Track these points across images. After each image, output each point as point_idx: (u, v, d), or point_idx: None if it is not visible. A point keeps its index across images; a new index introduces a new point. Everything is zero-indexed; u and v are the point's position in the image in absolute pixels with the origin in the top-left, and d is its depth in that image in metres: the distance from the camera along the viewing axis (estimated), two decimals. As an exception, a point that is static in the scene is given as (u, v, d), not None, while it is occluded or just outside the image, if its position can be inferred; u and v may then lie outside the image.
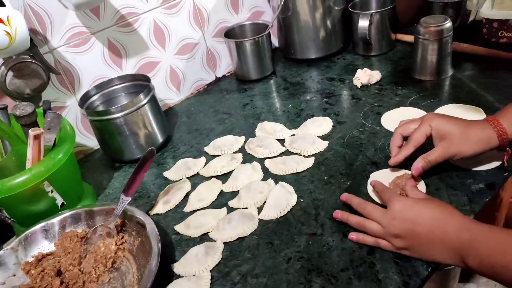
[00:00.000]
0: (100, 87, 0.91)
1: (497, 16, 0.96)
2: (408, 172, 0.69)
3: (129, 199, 0.68)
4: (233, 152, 0.85)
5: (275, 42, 1.24)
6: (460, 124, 0.63)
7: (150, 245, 0.61)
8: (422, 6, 1.09)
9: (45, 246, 0.69)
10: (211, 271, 0.61)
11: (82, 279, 0.63)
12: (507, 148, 0.64)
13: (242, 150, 0.86)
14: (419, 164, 0.64)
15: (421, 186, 0.66)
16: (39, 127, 0.70)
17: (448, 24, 0.88)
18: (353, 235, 0.60)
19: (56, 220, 0.70)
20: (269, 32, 1.07)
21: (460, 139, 0.62)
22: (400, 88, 0.94)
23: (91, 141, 0.96)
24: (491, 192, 0.63)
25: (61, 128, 0.73)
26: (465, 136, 0.62)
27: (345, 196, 0.66)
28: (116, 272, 0.64)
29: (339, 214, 0.63)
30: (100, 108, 0.91)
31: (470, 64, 0.96)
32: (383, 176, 0.68)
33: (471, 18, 1.04)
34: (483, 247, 0.48)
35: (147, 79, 0.90)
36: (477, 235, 0.50)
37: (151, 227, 0.63)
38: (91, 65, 0.91)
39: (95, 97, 0.90)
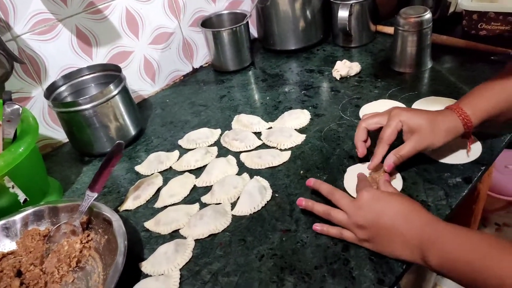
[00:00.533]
0: (68, 77, 0.86)
1: (476, 8, 0.95)
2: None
3: (95, 195, 0.65)
4: (208, 146, 0.83)
5: (254, 33, 1.21)
6: (428, 116, 0.63)
7: (117, 243, 0.58)
8: (402, -3, 1.07)
9: (6, 245, 0.65)
10: (180, 269, 0.58)
11: (44, 280, 0.59)
12: (471, 136, 0.64)
13: (217, 143, 0.83)
14: (391, 160, 0.63)
15: (398, 180, 0.65)
16: (-2, 119, 0.66)
17: (428, 15, 0.87)
18: (317, 226, 0.59)
19: (17, 217, 0.66)
20: (247, 22, 1.04)
21: (430, 131, 0.62)
22: (379, 80, 0.92)
23: (59, 134, 0.91)
24: (467, 186, 0.62)
25: (23, 120, 0.69)
26: (434, 128, 0.62)
27: (312, 181, 0.64)
28: (81, 272, 0.61)
29: (303, 202, 0.61)
30: (69, 99, 0.86)
31: (449, 56, 0.95)
32: (360, 170, 0.67)
33: (451, 10, 1.03)
34: (446, 243, 0.48)
35: (118, 69, 0.86)
36: (441, 231, 0.49)
37: (118, 224, 0.60)
38: (58, 54, 0.86)
39: (62, 88, 0.86)
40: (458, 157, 0.67)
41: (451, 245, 0.47)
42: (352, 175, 0.67)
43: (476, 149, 0.68)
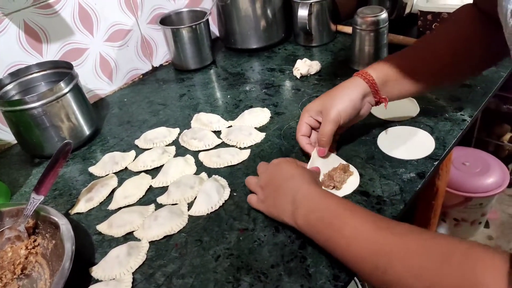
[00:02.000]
0: (16, 74, 0.82)
1: (430, 9, 0.98)
2: (343, 162, 0.67)
3: (41, 197, 0.61)
4: (166, 145, 0.80)
5: (215, 31, 1.19)
6: (327, 92, 0.67)
7: (64, 247, 0.55)
8: (361, -3, 1.09)
9: None
10: (133, 273, 0.56)
11: (-16, 289, 0.55)
12: (383, 97, 0.66)
13: (175, 142, 0.81)
14: (318, 144, 0.66)
15: (355, 177, 0.65)
16: None
17: (384, 15, 0.88)
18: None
19: (-43, 223, 0.61)
20: (208, 20, 1.03)
21: (331, 100, 0.65)
22: (339, 78, 0.93)
23: (7, 135, 0.86)
24: (421, 181, 0.63)
25: (-39, 119, 0.64)
26: (334, 96, 0.65)
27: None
28: (27, 279, 0.57)
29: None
30: (16, 98, 0.82)
31: (406, 55, 0.97)
32: (320, 167, 0.66)
33: (407, 10, 1.06)
34: (311, 204, 0.53)
35: (70, 66, 0.82)
36: (310, 194, 0.54)
37: (66, 228, 0.57)
38: (5, 50, 0.81)
39: (10, 86, 0.81)
40: (413, 153, 0.68)
41: (315, 205, 0.52)
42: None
43: (429, 145, 0.69)
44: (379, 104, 0.67)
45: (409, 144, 0.70)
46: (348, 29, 1.10)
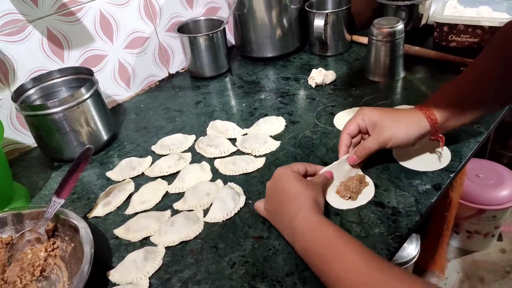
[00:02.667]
0: (38, 80, 0.84)
1: (447, 20, 0.98)
2: (360, 172, 0.68)
3: (62, 201, 0.63)
4: (182, 152, 0.81)
5: (231, 40, 1.21)
6: (390, 111, 0.66)
7: (83, 251, 0.56)
8: (376, 8, 1.10)
9: (-34, 254, 0.62)
10: (150, 278, 0.57)
11: (5, 290, 0.57)
12: (440, 135, 0.65)
13: (191, 149, 0.82)
14: (354, 153, 0.65)
15: (371, 187, 0.66)
16: (-40, 121, 0.63)
17: (400, 26, 0.89)
18: None
19: (-21, 224, 0.63)
20: (224, 29, 1.04)
21: (391, 122, 0.64)
22: (354, 88, 0.94)
23: (27, 139, 0.88)
24: (437, 193, 0.63)
25: (-13, 123, 0.66)
26: (395, 120, 0.64)
27: None
28: (45, 281, 0.59)
29: None
30: (38, 103, 0.84)
31: (421, 67, 0.97)
32: (335, 174, 0.66)
33: (423, 21, 1.06)
34: (307, 233, 0.52)
35: (91, 73, 0.84)
36: (308, 221, 0.53)
37: (85, 231, 0.58)
38: (28, 56, 0.84)
39: (31, 91, 0.83)
40: (429, 165, 0.68)
41: (311, 236, 0.52)
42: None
43: (445, 157, 0.69)
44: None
45: (425, 155, 0.70)
46: (363, 39, 1.10)
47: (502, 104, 0.72)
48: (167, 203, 0.70)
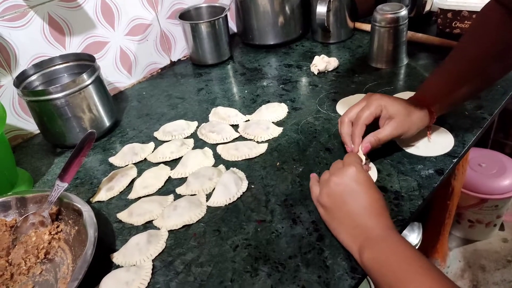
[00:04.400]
0: (39, 66, 0.84)
1: (451, 6, 0.97)
2: (363, 157, 0.67)
3: (65, 185, 0.63)
4: (184, 138, 0.81)
5: (233, 27, 1.20)
6: (405, 105, 0.66)
7: (87, 234, 0.56)
8: (380, -5, 1.09)
9: (-30, 236, 0.62)
10: (153, 260, 0.57)
11: (10, 271, 0.57)
12: (431, 127, 0.70)
13: (194, 135, 0.82)
14: (368, 141, 0.64)
15: (373, 172, 0.66)
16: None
17: (404, 12, 0.88)
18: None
19: (-17, 208, 0.63)
20: (226, 16, 1.03)
21: (406, 119, 0.65)
22: (356, 75, 0.93)
23: (30, 125, 0.88)
24: (439, 177, 0.63)
25: (-11, 107, 0.66)
26: (409, 117, 0.65)
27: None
28: (49, 263, 0.59)
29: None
30: (40, 89, 0.84)
31: (424, 53, 0.97)
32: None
33: (427, 8, 1.05)
34: (385, 249, 0.49)
35: (92, 59, 0.84)
36: (386, 237, 0.50)
37: (88, 215, 0.58)
38: (30, 42, 0.83)
39: (34, 77, 0.83)
40: (432, 150, 0.68)
41: (388, 251, 0.49)
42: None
43: (448, 142, 0.69)
44: None
45: (427, 141, 0.70)
46: (366, 27, 1.09)
47: (487, 85, 0.74)
48: (169, 188, 0.70)
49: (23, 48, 0.83)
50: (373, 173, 0.65)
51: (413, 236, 1.26)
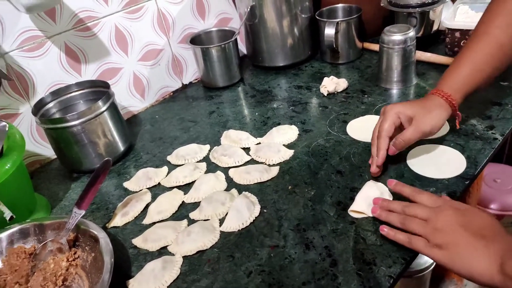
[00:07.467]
0: (56, 93, 0.86)
1: (458, 26, 0.97)
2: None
3: (82, 212, 0.64)
4: (197, 161, 0.83)
5: (243, 49, 1.22)
6: (419, 104, 0.68)
7: (103, 260, 0.57)
8: (387, 15, 1.10)
9: (-10, 264, 0.64)
10: (168, 287, 0.58)
11: (28, 299, 0.58)
12: (458, 112, 0.70)
13: (206, 159, 0.84)
14: (391, 145, 0.66)
15: (386, 196, 0.66)
16: (-16, 136, 0.65)
17: (411, 33, 0.89)
18: (384, 229, 0.57)
19: (3, 235, 0.65)
20: (236, 39, 1.06)
21: (427, 114, 0.66)
22: (366, 96, 0.94)
23: (47, 151, 0.91)
24: (452, 201, 0.63)
25: (9, 137, 0.68)
26: (427, 111, 0.67)
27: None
28: (67, 290, 0.60)
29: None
30: (57, 116, 0.86)
31: (434, 73, 0.97)
32: (370, 193, 0.65)
33: (435, 27, 1.06)
34: None
35: (107, 85, 0.86)
36: None
37: (105, 241, 0.60)
38: (47, 70, 0.86)
39: (51, 104, 0.86)
40: (443, 172, 0.68)
41: None
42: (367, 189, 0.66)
43: (460, 164, 0.69)
44: None
45: (439, 163, 0.70)
46: (374, 46, 1.10)
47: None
48: (183, 212, 0.71)
49: (41, 77, 0.86)
50: (386, 196, 0.65)
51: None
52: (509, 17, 0.66)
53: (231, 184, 0.75)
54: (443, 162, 0.70)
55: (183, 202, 0.73)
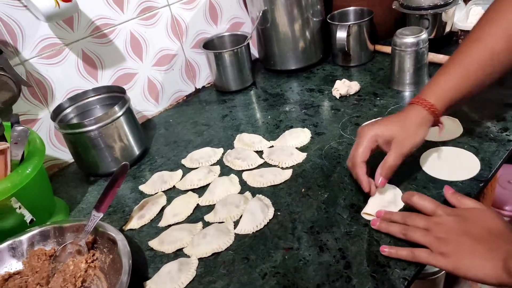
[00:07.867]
0: (74, 99, 0.89)
1: (471, 27, 0.97)
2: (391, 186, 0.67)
3: (101, 215, 0.66)
4: (211, 165, 0.84)
5: (255, 53, 1.23)
6: (397, 120, 0.65)
7: (121, 262, 0.58)
8: (399, 17, 1.10)
9: (12, 265, 0.66)
10: (184, 288, 0.59)
11: (50, 300, 0.60)
12: (440, 123, 0.66)
13: (220, 162, 0.85)
14: (379, 175, 0.64)
15: (398, 198, 0.66)
16: (6, 141, 0.68)
17: (424, 35, 0.89)
18: (385, 249, 0.57)
19: (24, 237, 0.67)
20: (248, 43, 1.07)
21: (404, 132, 0.64)
22: (378, 98, 0.94)
23: (65, 155, 0.93)
24: (466, 203, 0.62)
25: (30, 142, 0.71)
26: (408, 129, 0.64)
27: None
28: (86, 291, 0.62)
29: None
30: (74, 121, 0.88)
31: (446, 74, 0.97)
32: (383, 195, 0.66)
33: (447, 29, 1.06)
34: None
35: (123, 91, 0.88)
36: None
37: (122, 244, 0.61)
38: (65, 77, 0.89)
39: (68, 110, 0.88)
40: (457, 174, 0.68)
41: None
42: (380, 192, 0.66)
43: (474, 166, 0.69)
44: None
45: (453, 165, 0.70)
46: (386, 49, 1.11)
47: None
48: (198, 215, 0.72)
49: (59, 83, 0.88)
50: (399, 198, 0.66)
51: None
52: (502, 26, 0.63)
53: (244, 187, 0.76)
54: (457, 165, 0.70)
55: (198, 204, 0.74)
